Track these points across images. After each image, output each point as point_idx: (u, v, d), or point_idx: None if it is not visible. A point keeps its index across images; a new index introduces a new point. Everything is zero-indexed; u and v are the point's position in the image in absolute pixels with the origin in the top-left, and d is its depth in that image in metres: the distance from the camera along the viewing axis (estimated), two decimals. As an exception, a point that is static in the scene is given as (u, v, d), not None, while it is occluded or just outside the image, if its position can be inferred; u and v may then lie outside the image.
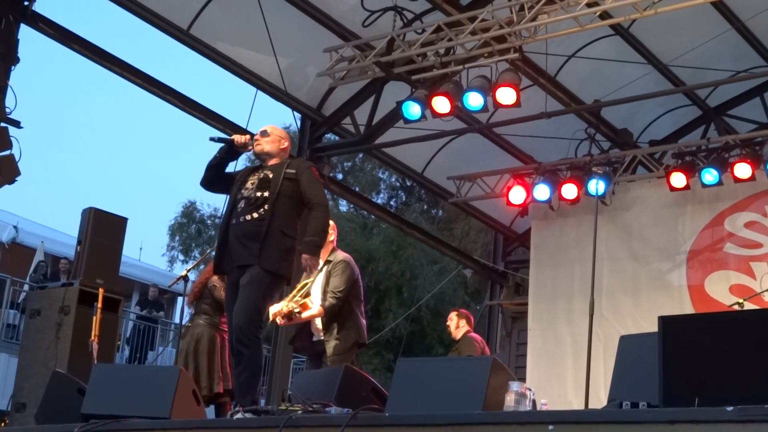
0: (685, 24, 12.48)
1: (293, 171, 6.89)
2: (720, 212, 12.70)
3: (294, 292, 8.03)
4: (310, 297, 8.06)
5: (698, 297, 12.55)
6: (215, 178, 7.13)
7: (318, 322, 8.21)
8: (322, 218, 6.84)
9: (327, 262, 8.24)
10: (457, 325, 11.11)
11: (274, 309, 7.94)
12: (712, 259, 12.69)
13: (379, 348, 24.91)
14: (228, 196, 7.04)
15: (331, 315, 8.13)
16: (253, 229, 6.71)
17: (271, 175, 6.86)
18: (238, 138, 7.02)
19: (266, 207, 6.74)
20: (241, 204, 6.84)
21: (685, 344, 4.66)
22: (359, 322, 8.30)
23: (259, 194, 6.80)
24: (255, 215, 6.74)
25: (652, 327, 4.89)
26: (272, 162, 7.01)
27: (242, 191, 6.89)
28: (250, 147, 7.01)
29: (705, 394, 4.38)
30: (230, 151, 7.05)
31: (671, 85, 13.74)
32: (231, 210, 6.90)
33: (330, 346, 8.13)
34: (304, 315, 8.07)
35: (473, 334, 10.71)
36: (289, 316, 7.97)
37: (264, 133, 7.07)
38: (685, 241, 12.88)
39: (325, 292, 8.14)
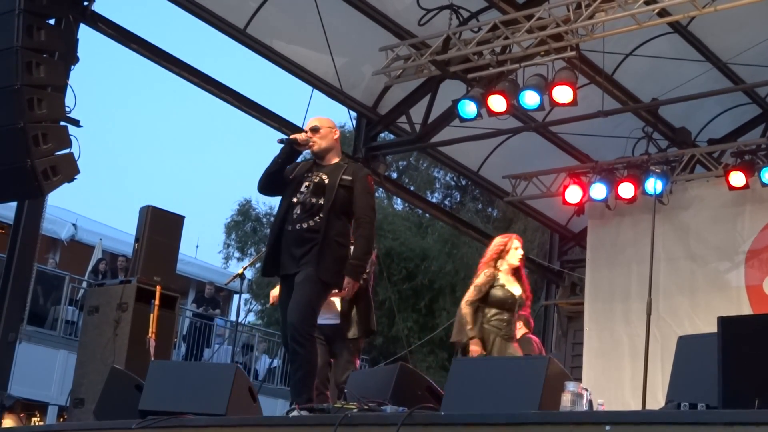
0: (745, 21, 12.32)
1: (349, 178, 6.78)
2: (780, 211, 12.53)
3: None
4: None
5: (756, 297, 12.38)
6: (275, 183, 6.97)
7: (338, 304, 8.16)
8: (367, 238, 6.76)
9: None
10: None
11: (274, 293, 8.10)
12: (771, 261, 12.53)
13: (433, 346, 24.89)
14: (282, 198, 6.94)
15: (352, 298, 8.00)
16: (308, 239, 6.64)
17: (326, 180, 6.77)
18: (300, 137, 6.88)
19: (321, 216, 6.66)
20: (297, 210, 6.75)
21: (745, 345, 4.61)
22: (373, 307, 8.33)
23: (314, 200, 6.72)
24: (311, 223, 6.67)
25: (709, 327, 4.84)
26: (329, 160, 6.92)
27: (297, 195, 6.79)
28: (311, 144, 6.89)
29: (765, 395, 4.33)
30: (291, 153, 6.90)
31: (730, 83, 13.57)
32: (285, 215, 6.80)
33: (352, 330, 8.11)
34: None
35: (531, 336, 10.61)
36: None
37: (315, 130, 6.91)
38: (744, 241, 12.71)
39: None
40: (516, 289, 8.61)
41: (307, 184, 6.80)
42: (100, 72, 65.16)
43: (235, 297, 24.05)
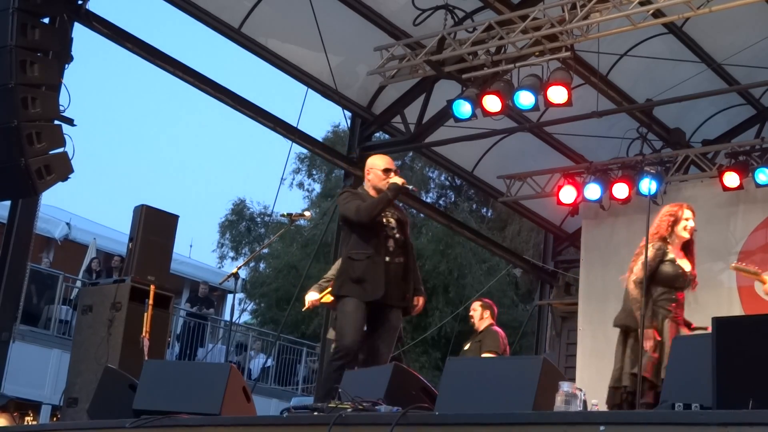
0: (739, 22, 12.34)
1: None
2: (774, 212, 12.54)
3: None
4: None
5: (748, 298, 12.39)
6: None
7: None
8: None
9: None
10: (481, 316, 10.69)
11: (309, 298, 8.60)
12: (764, 260, 12.51)
13: (426, 346, 24.88)
14: (368, 229, 7.43)
15: None
16: (403, 274, 7.45)
17: (402, 220, 7.60)
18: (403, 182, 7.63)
19: (406, 252, 7.51)
20: (391, 243, 7.46)
21: (739, 345, 4.62)
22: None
23: (399, 236, 7.50)
24: (402, 259, 7.47)
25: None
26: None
27: (386, 230, 7.49)
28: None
29: (759, 395, 4.33)
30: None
31: (725, 84, 13.59)
32: (382, 247, 7.41)
33: None
34: None
35: (496, 328, 10.49)
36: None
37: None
38: (737, 242, 12.72)
39: None
40: (686, 265, 7.94)
41: (390, 219, 7.54)
42: (94, 71, 65.10)
43: (229, 296, 24.07)
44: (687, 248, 8.05)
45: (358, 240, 7.45)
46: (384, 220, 7.47)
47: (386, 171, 7.64)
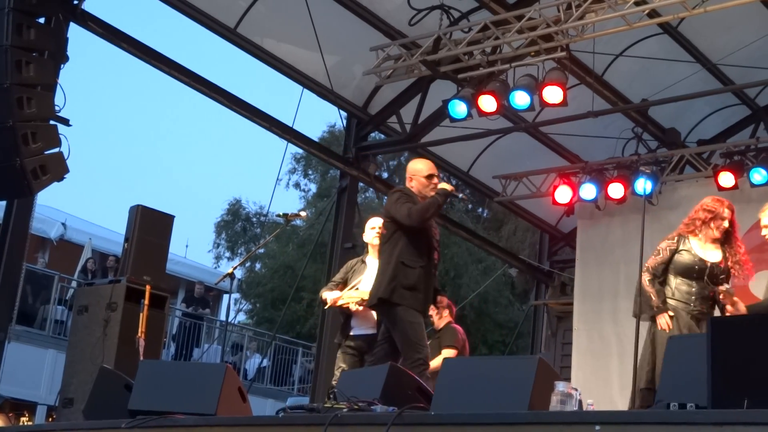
0: (734, 22, 12.36)
1: None
2: (769, 212, 12.52)
3: (355, 282, 8.44)
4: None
5: (743, 298, 12.39)
6: None
7: (374, 314, 8.24)
8: None
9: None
10: (440, 315, 10.69)
11: (332, 295, 8.42)
12: (759, 260, 12.50)
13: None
14: (418, 237, 7.44)
15: None
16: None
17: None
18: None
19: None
20: (435, 255, 7.54)
21: (734, 345, 4.62)
22: None
23: (438, 249, 7.63)
24: (436, 272, 7.60)
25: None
26: None
27: (433, 241, 7.56)
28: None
29: (754, 395, 4.34)
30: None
31: (720, 84, 13.61)
32: (430, 257, 7.48)
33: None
34: None
35: (455, 325, 10.46)
36: (362, 303, 8.21)
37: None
38: (741, 245, 12.71)
39: None
40: (711, 256, 7.74)
41: (435, 231, 7.63)
42: (90, 71, 65.06)
43: (225, 297, 24.06)
44: (724, 242, 7.91)
45: (410, 246, 7.38)
46: (432, 231, 7.53)
47: (429, 177, 7.59)
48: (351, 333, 8.46)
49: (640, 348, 8.37)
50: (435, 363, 9.09)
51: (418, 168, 7.68)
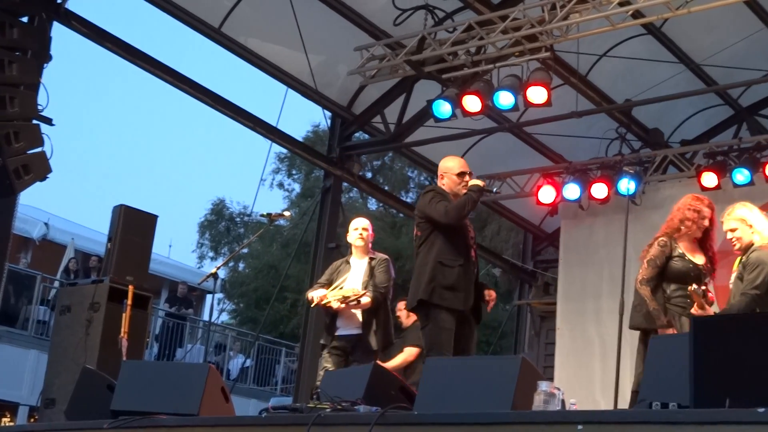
0: (718, 23, 12.40)
1: None
2: (750, 212, 12.56)
3: (340, 282, 8.38)
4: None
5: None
6: None
7: (359, 315, 8.30)
8: None
9: (370, 259, 8.53)
10: (407, 314, 10.67)
11: (317, 294, 8.34)
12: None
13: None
14: (462, 237, 7.38)
15: (373, 309, 8.28)
16: (474, 282, 7.40)
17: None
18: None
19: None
20: (473, 254, 7.43)
21: (717, 344, 4.63)
22: (391, 320, 8.58)
23: (474, 246, 7.49)
24: (476, 270, 7.46)
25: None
26: None
27: (469, 239, 7.47)
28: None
29: (736, 394, 4.34)
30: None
31: (703, 85, 13.65)
32: (468, 255, 7.36)
33: (374, 340, 8.29)
34: (363, 302, 8.25)
35: None
36: (344, 301, 8.22)
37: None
38: (714, 242, 12.75)
39: (367, 287, 8.33)
40: (699, 258, 7.71)
41: (470, 229, 7.53)
42: (73, 70, 64.85)
43: (208, 297, 24.02)
44: (702, 241, 7.87)
45: (447, 246, 7.27)
46: (468, 229, 7.46)
47: (461, 174, 7.56)
48: (336, 333, 8.45)
49: (623, 348, 8.39)
50: (394, 362, 9.18)
51: (450, 166, 7.65)
